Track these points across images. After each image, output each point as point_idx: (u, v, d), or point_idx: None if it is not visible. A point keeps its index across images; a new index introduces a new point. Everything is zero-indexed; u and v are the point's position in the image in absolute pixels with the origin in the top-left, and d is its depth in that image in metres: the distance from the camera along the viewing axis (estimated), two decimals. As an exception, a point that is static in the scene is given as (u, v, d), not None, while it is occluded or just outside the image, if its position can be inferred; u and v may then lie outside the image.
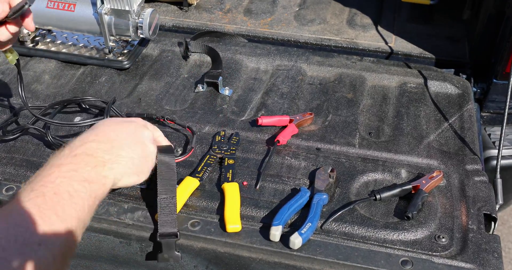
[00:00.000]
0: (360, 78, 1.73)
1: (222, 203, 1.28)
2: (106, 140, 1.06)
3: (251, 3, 2.19)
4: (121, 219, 1.26)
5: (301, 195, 1.28)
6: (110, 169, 1.03)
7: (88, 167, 0.98)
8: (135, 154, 1.10)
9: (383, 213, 1.29)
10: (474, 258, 1.17)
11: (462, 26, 2.03)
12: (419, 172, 1.39)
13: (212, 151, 1.42)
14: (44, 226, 0.82)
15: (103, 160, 1.02)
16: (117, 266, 1.32)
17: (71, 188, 0.91)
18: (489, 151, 1.70)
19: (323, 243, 1.20)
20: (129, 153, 1.08)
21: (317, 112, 1.59)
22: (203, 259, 1.23)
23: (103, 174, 1.01)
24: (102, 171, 1.01)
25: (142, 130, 1.16)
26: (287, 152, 1.44)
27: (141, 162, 1.12)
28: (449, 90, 1.69)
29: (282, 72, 1.75)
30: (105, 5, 1.65)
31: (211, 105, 1.61)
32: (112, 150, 1.05)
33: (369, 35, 2.00)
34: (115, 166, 1.04)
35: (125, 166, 1.07)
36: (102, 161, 1.02)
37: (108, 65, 1.76)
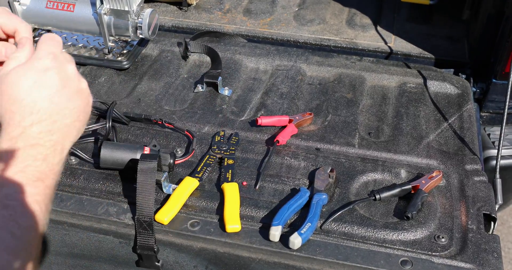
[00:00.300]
0: (360, 78, 1.73)
1: (222, 203, 1.28)
2: (45, 115, 0.84)
3: (251, 3, 2.19)
4: (120, 219, 1.26)
5: (301, 195, 1.28)
6: (62, 149, 0.85)
7: (38, 162, 0.80)
8: (79, 110, 0.91)
9: (383, 213, 1.29)
10: (473, 258, 1.17)
11: (461, 26, 2.03)
12: (419, 172, 1.39)
13: (211, 151, 1.42)
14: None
15: (51, 144, 0.83)
16: (117, 266, 1.32)
17: (22, 195, 0.76)
18: (489, 151, 1.70)
19: (322, 243, 1.20)
20: (73, 115, 0.89)
21: (316, 112, 1.59)
22: (203, 259, 1.23)
23: (56, 160, 0.84)
24: (53, 158, 0.83)
25: (66, 70, 0.91)
26: (286, 152, 1.44)
27: (85, 111, 0.94)
28: (448, 90, 1.69)
29: (282, 72, 1.75)
30: (104, 5, 1.65)
31: (211, 105, 1.61)
32: (56, 125, 0.85)
33: (369, 35, 2.00)
34: (66, 140, 0.87)
35: (74, 130, 0.89)
36: (51, 146, 0.83)
37: (107, 65, 1.76)
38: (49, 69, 0.87)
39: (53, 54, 0.89)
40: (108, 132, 1.44)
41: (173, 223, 1.24)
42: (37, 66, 0.86)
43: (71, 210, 1.28)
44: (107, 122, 1.45)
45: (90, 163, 1.39)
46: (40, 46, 0.90)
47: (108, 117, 1.46)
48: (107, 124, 1.45)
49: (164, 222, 1.23)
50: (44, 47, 0.89)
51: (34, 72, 0.85)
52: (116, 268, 1.32)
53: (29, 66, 0.85)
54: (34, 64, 0.86)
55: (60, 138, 0.85)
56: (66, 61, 0.91)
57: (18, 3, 1.70)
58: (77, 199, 1.31)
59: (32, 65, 0.86)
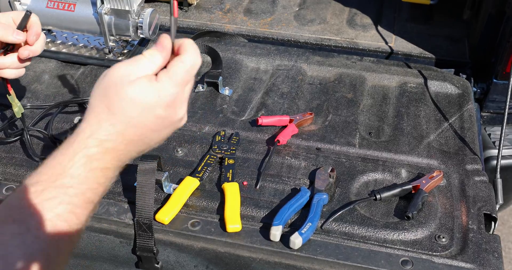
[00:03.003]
0: (360, 78, 1.73)
1: (222, 203, 1.28)
2: (133, 142, 0.82)
3: (251, 3, 2.19)
4: (121, 219, 1.26)
5: (301, 195, 1.28)
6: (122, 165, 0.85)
7: (100, 184, 0.81)
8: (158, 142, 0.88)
9: (383, 213, 1.29)
10: (474, 258, 1.17)
11: (462, 26, 2.03)
12: (419, 172, 1.39)
13: (212, 151, 1.42)
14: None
15: (118, 166, 0.83)
16: (117, 266, 1.32)
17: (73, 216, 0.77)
18: (489, 151, 1.69)
19: (323, 243, 1.20)
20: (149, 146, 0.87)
21: (317, 112, 1.59)
22: (203, 259, 1.23)
23: (112, 178, 0.84)
24: (113, 177, 0.84)
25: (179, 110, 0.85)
26: (287, 152, 1.44)
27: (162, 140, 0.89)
28: (449, 90, 1.69)
29: (282, 72, 1.75)
30: (105, 5, 1.65)
31: (211, 105, 1.61)
32: (135, 152, 0.84)
33: (369, 35, 1.99)
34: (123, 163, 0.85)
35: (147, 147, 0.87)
36: (117, 168, 0.83)
37: (108, 65, 1.75)
38: (170, 106, 0.81)
39: (184, 88, 0.83)
40: None
41: (174, 223, 1.24)
42: (164, 95, 0.80)
43: (72, 209, 1.28)
44: None
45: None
46: (182, 68, 0.81)
47: None
48: None
49: (164, 222, 1.23)
50: (184, 74, 0.82)
51: (157, 102, 0.79)
52: (116, 267, 1.32)
53: (159, 92, 0.79)
54: (163, 92, 0.80)
55: (123, 163, 0.84)
56: (185, 99, 0.85)
57: (18, 2, 1.70)
58: (77, 199, 1.30)
59: (162, 91, 0.79)
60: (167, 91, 0.80)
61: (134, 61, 0.82)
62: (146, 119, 0.80)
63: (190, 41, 0.83)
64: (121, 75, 0.79)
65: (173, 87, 0.80)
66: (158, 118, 0.81)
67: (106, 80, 0.80)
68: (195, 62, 0.82)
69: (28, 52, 1.15)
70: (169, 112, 0.81)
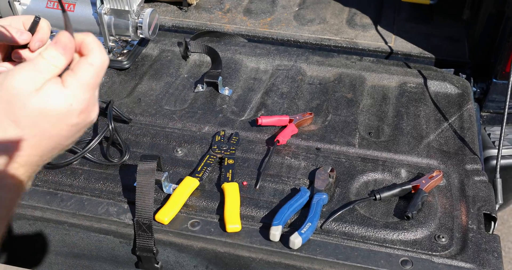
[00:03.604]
0: (360, 78, 1.73)
1: (222, 203, 1.28)
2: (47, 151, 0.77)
3: (251, 3, 2.19)
4: (121, 219, 1.26)
5: (301, 195, 1.28)
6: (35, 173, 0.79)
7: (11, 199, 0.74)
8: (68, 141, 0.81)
9: (383, 213, 1.29)
10: (474, 258, 1.17)
11: (462, 25, 2.03)
12: (419, 172, 1.39)
13: (212, 151, 1.42)
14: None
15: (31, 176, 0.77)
16: (117, 266, 1.32)
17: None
18: (489, 150, 1.70)
19: (323, 243, 1.20)
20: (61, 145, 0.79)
21: (317, 112, 1.59)
22: (203, 259, 1.23)
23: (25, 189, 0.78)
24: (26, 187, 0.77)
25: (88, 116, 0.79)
26: (287, 152, 1.44)
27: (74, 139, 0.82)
28: (449, 90, 1.69)
29: (282, 72, 1.75)
30: (104, 5, 1.65)
31: (211, 105, 1.61)
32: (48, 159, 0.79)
33: (369, 35, 2.00)
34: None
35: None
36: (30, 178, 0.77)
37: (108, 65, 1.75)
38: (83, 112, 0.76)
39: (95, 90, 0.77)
40: (112, 134, 1.43)
41: (174, 223, 1.24)
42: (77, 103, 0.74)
43: (72, 210, 1.28)
44: (109, 123, 1.44)
45: (97, 163, 1.39)
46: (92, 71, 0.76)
47: (109, 118, 1.45)
48: (110, 126, 1.43)
49: (164, 222, 1.23)
50: (95, 78, 0.76)
51: (70, 111, 0.74)
52: (116, 267, 1.32)
53: (70, 100, 0.73)
54: (75, 99, 0.74)
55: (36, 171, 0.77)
56: (97, 99, 0.79)
57: (18, 2, 1.70)
58: (77, 199, 1.31)
59: (73, 99, 0.73)
60: (79, 97, 0.74)
61: (33, 65, 0.73)
62: (60, 129, 0.74)
63: (92, 38, 0.77)
64: (22, 84, 0.70)
65: (84, 92, 0.75)
66: (73, 126, 0.76)
67: (4, 92, 0.70)
68: (104, 62, 0.77)
69: (19, 55, 1.01)
70: (82, 118, 0.76)
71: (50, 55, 0.74)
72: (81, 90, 0.74)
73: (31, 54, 1.06)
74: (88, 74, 0.74)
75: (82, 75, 0.74)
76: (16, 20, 1.07)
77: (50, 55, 0.74)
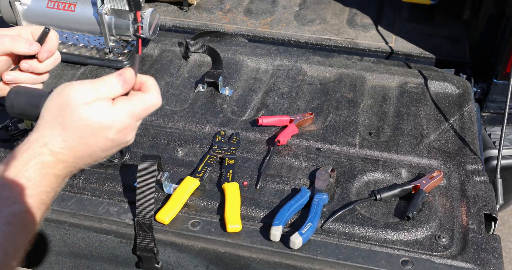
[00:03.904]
0: (361, 78, 1.73)
1: (223, 203, 1.28)
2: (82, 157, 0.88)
3: (251, 3, 2.19)
4: (121, 219, 1.26)
5: (302, 195, 1.28)
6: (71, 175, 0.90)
7: (52, 189, 0.85)
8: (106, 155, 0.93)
9: (384, 213, 1.29)
10: (474, 258, 1.17)
11: (462, 26, 2.03)
12: (420, 172, 1.39)
13: (212, 151, 1.42)
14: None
15: (67, 176, 0.88)
16: (118, 266, 1.32)
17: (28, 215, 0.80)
18: (490, 151, 1.69)
19: (323, 243, 1.20)
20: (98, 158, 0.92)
21: (317, 112, 1.59)
22: (204, 259, 1.23)
23: (60, 189, 0.89)
24: (63, 184, 0.89)
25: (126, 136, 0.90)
26: (287, 152, 1.44)
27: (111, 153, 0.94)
28: (449, 90, 1.69)
29: (283, 72, 1.75)
30: (105, 5, 1.65)
31: (211, 105, 1.61)
32: (83, 165, 0.90)
33: (369, 35, 1.99)
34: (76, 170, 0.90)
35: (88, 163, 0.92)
36: (66, 177, 0.88)
37: (108, 65, 1.76)
38: (121, 131, 0.86)
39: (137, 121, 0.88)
40: None
41: (174, 223, 1.24)
42: (118, 122, 0.85)
43: (72, 210, 1.28)
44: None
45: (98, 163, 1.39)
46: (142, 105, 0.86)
47: None
48: None
49: (165, 222, 1.23)
50: (142, 111, 0.87)
51: (110, 126, 0.84)
52: (116, 267, 1.32)
53: (113, 117, 0.84)
54: (118, 118, 0.84)
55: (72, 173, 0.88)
56: (136, 128, 0.90)
57: (19, 2, 1.70)
58: (78, 199, 1.31)
59: (116, 117, 0.84)
60: (122, 119, 0.84)
61: (92, 84, 0.85)
62: (96, 140, 0.85)
63: (154, 81, 0.88)
64: (77, 96, 0.83)
65: (128, 117, 0.85)
66: (108, 140, 0.85)
67: (61, 98, 0.83)
68: (156, 103, 0.87)
69: (28, 65, 1.08)
70: (118, 136, 0.86)
71: (111, 82, 0.86)
72: (126, 114, 0.85)
73: (40, 64, 1.09)
74: (138, 105, 0.85)
75: (132, 103, 0.85)
76: (25, 30, 1.09)
77: (111, 82, 0.86)
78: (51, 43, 1.09)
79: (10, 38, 1.04)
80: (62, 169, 0.85)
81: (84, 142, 0.84)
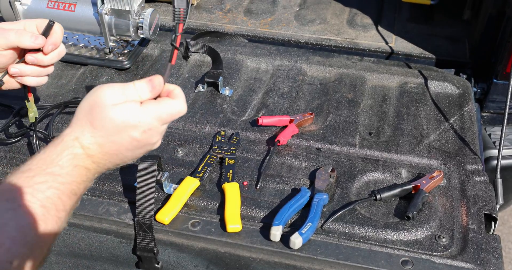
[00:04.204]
0: (361, 78, 1.73)
1: (223, 203, 1.28)
2: (108, 154, 0.93)
3: (251, 3, 2.19)
4: (121, 219, 1.26)
5: (302, 195, 1.28)
6: (100, 172, 0.96)
7: (83, 181, 0.91)
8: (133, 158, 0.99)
9: (384, 213, 1.29)
10: (474, 258, 1.17)
11: (462, 26, 2.03)
12: (420, 172, 1.39)
13: (212, 151, 1.42)
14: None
15: (96, 172, 0.94)
16: (118, 266, 1.32)
17: (60, 201, 0.86)
18: (490, 151, 1.70)
19: (323, 243, 1.20)
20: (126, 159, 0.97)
21: (317, 112, 1.59)
22: (204, 259, 1.23)
23: (91, 180, 0.94)
24: (92, 179, 0.94)
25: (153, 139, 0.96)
26: (287, 152, 1.44)
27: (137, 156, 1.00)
28: (449, 90, 1.69)
29: (283, 72, 1.75)
30: (105, 5, 1.65)
31: (212, 105, 1.61)
32: (110, 164, 0.95)
33: (370, 35, 2.00)
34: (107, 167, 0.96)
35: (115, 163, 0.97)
36: (95, 172, 0.94)
37: (108, 65, 1.76)
38: (146, 132, 0.92)
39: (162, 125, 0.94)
40: None
41: (174, 223, 1.24)
42: (144, 122, 0.91)
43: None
44: None
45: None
46: (170, 110, 0.92)
47: None
48: None
49: (165, 222, 1.23)
50: (168, 116, 0.93)
51: (135, 125, 0.90)
52: (116, 267, 1.32)
53: (140, 117, 0.90)
54: (144, 119, 0.90)
55: (99, 172, 0.95)
56: (161, 133, 0.96)
57: (19, 2, 1.70)
58: (78, 199, 1.31)
59: (143, 117, 0.90)
60: (148, 120, 0.91)
61: (122, 87, 0.91)
62: (122, 138, 0.90)
63: (180, 90, 0.96)
64: (107, 97, 0.89)
65: (154, 119, 0.91)
66: (134, 139, 0.91)
67: (93, 98, 0.90)
68: (182, 110, 0.94)
69: (33, 58, 1.11)
70: (144, 137, 0.92)
71: (140, 87, 0.92)
72: (152, 116, 0.90)
73: (45, 56, 1.10)
74: (165, 109, 0.91)
75: (160, 106, 0.91)
76: (30, 24, 1.11)
77: (140, 87, 0.92)
78: (56, 35, 1.11)
79: (16, 32, 1.06)
80: (91, 164, 0.90)
81: (111, 140, 0.90)
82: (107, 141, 0.90)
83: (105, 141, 0.90)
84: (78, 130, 0.90)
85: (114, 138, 0.90)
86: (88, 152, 0.90)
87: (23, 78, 1.14)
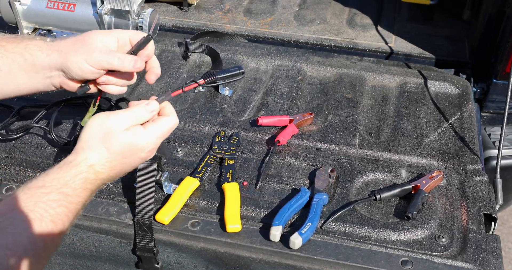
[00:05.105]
0: (360, 78, 1.73)
1: (222, 203, 1.28)
2: (116, 172, 1.05)
3: (251, 3, 2.19)
4: (121, 219, 1.26)
5: (301, 195, 1.28)
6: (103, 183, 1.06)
7: (86, 201, 1.01)
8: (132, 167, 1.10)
9: (383, 213, 1.29)
10: (474, 258, 1.17)
11: (462, 26, 2.03)
12: (419, 172, 1.39)
13: (212, 151, 1.42)
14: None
15: (99, 187, 1.04)
16: (118, 266, 1.32)
17: (66, 218, 0.95)
18: (489, 151, 1.70)
19: (323, 243, 1.20)
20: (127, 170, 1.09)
21: (317, 112, 1.59)
22: (203, 259, 1.23)
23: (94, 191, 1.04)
24: (90, 198, 1.03)
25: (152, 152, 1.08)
26: (287, 152, 1.44)
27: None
28: (449, 90, 1.69)
29: (282, 72, 1.75)
30: (105, 5, 1.65)
31: (211, 105, 1.61)
32: (113, 179, 1.07)
33: (369, 35, 2.00)
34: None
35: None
36: (98, 188, 1.04)
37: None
38: (150, 151, 1.05)
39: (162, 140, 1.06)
40: None
41: (174, 223, 1.24)
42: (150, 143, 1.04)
43: (72, 210, 1.28)
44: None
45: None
46: (167, 126, 1.06)
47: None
48: None
49: (164, 222, 1.23)
50: (167, 130, 1.06)
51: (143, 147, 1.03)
52: (116, 268, 1.32)
53: (147, 139, 1.03)
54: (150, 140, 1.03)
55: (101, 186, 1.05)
56: (155, 149, 1.08)
57: (18, 2, 1.70)
58: (77, 199, 1.30)
59: (149, 138, 1.03)
60: (153, 140, 1.04)
61: (126, 113, 1.02)
62: (133, 159, 1.04)
63: (170, 105, 1.09)
64: (117, 124, 1.01)
65: (158, 138, 1.05)
66: (140, 159, 1.05)
67: (105, 127, 1.00)
68: (176, 123, 1.08)
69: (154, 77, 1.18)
70: (147, 155, 1.06)
71: (139, 111, 1.03)
72: (156, 136, 1.04)
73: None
74: (163, 127, 1.05)
75: (160, 126, 1.05)
76: (123, 36, 1.12)
77: (139, 111, 1.03)
78: (152, 49, 1.15)
79: (119, 59, 1.09)
80: (98, 185, 1.02)
81: (123, 162, 1.03)
82: (120, 163, 1.02)
83: (117, 164, 1.02)
84: (94, 157, 0.99)
85: (127, 160, 1.03)
86: (99, 176, 1.00)
87: (106, 86, 1.15)
